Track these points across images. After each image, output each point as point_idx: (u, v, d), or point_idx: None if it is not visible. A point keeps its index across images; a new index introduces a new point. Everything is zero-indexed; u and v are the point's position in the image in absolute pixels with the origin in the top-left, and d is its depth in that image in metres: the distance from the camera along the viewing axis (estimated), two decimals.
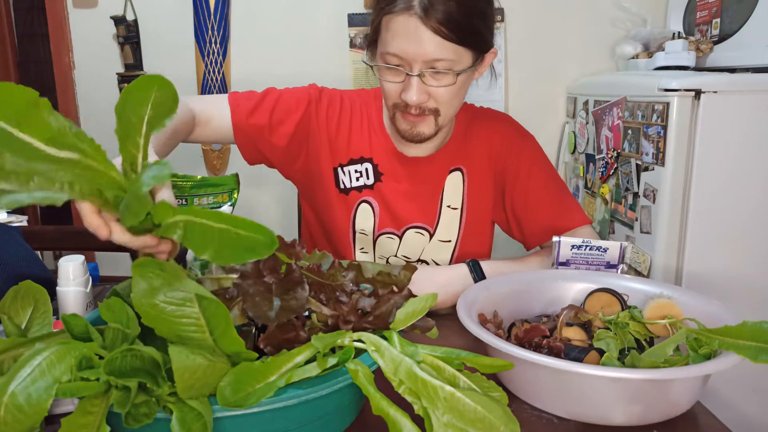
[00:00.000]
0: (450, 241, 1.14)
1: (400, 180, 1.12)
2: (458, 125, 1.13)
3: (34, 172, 0.48)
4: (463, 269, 1.00)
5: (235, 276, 0.67)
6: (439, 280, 0.99)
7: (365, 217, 1.13)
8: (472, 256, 1.12)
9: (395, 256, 1.14)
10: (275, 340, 0.59)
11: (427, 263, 1.15)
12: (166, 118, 0.61)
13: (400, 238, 1.14)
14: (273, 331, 0.60)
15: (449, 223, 1.14)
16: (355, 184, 1.12)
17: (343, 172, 1.13)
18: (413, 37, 0.91)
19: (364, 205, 1.13)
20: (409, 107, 0.97)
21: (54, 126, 0.49)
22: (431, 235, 1.14)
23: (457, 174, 1.13)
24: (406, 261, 1.15)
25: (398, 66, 0.95)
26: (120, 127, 0.59)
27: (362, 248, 1.15)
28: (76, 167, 0.50)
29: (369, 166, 1.12)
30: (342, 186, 1.13)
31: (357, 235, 1.14)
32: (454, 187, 1.13)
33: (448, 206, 1.13)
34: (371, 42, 1.01)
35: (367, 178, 1.12)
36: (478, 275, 0.99)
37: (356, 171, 1.13)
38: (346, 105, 1.14)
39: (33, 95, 0.49)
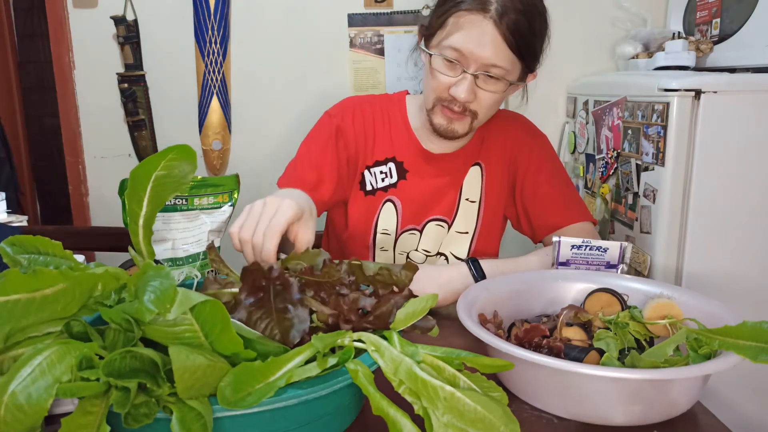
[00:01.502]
0: (467, 232, 1.17)
1: (424, 176, 1.15)
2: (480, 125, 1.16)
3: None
4: (463, 268, 1.01)
5: (233, 290, 0.67)
6: (439, 279, 0.99)
7: (388, 217, 1.16)
8: (488, 249, 1.15)
9: (416, 250, 1.17)
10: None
11: (446, 257, 1.18)
12: (181, 179, 0.61)
13: (421, 232, 1.16)
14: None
15: (467, 215, 1.17)
16: (380, 184, 1.16)
17: (370, 173, 1.16)
18: (482, 38, 0.95)
19: (388, 204, 1.16)
20: (453, 103, 1.01)
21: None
22: (449, 226, 1.16)
23: (477, 169, 1.18)
24: (426, 255, 1.18)
25: (456, 61, 0.98)
26: (129, 187, 0.61)
27: (383, 247, 1.18)
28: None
29: (393, 165, 1.16)
30: (369, 187, 1.16)
31: (378, 236, 1.17)
32: (473, 180, 1.17)
33: (467, 199, 1.17)
34: (432, 32, 1.03)
35: (391, 177, 1.16)
36: (478, 274, 1.00)
37: (381, 172, 1.16)
38: (367, 111, 1.18)
39: None
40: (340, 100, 1.21)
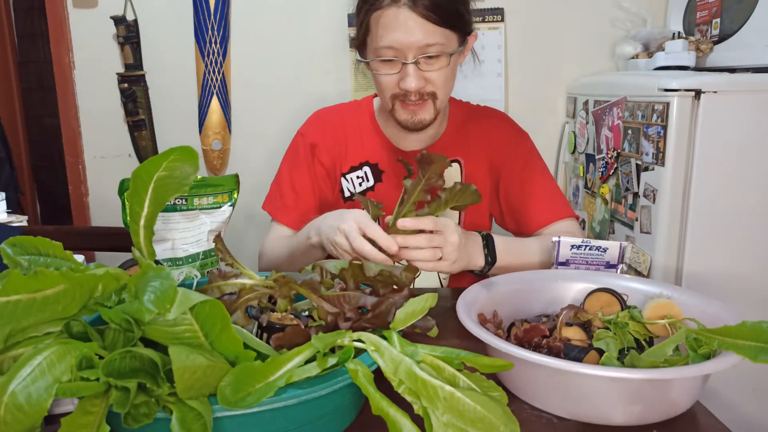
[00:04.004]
0: None
1: (401, 175, 1.15)
2: (454, 119, 1.19)
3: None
4: (477, 239, 0.98)
5: (237, 281, 0.68)
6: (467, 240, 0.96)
7: None
8: None
9: None
10: (287, 342, 0.59)
11: None
12: (183, 180, 0.62)
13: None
14: (287, 332, 0.60)
15: (449, 213, 1.17)
16: (358, 189, 1.17)
17: (347, 180, 1.17)
18: (405, 27, 0.96)
19: None
20: (409, 95, 1.02)
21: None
22: None
23: (455, 166, 1.18)
24: None
25: (393, 57, 0.99)
26: (131, 187, 0.61)
27: None
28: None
29: (368, 169, 1.17)
30: (348, 194, 1.18)
31: None
32: (452, 178, 1.17)
33: None
34: (361, 42, 1.05)
35: (368, 181, 1.17)
36: (490, 253, 0.98)
37: (358, 177, 1.18)
38: (336, 122, 1.21)
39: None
40: (311, 114, 1.24)
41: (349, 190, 1.17)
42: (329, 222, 0.93)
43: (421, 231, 0.87)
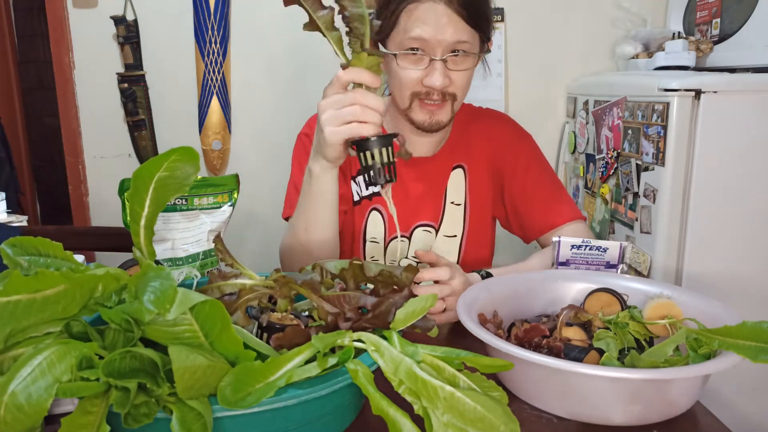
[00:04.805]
0: (455, 236, 1.16)
1: (405, 180, 1.14)
2: (457, 123, 1.17)
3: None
4: (475, 278, 0.98)
5: (237, 281, 0.68)
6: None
7: (375, 224, 1.15)
8: (477, 252, 1.13)
9: (406, 257, 1.16)
10: (287, 342, 0.59)
11: None
12: (184, 180, 0.62)
13: (409, 239, 1.15)
14: (287, 332, 0.60)
15: (453, 219, 1.16)
16: (365, 193, 1.15)
17: (355, 183, 1.15)
18: (439, 21, 0.96)
19: (374, 213, 1.15)
20: (431, 93, 1.01)
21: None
22: (437, 231, 1.16)
23: (459, 171, 1.16)
24: (417, 263, 1.16)
25: (420, 51, 0.98)
26: (132, 187, 0.61)
27: (373, 257, 1.16)
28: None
29: None
30: (356, 197, 1.15)
31: (368, 244, 1.16)
32: (456, 183, 1.16)
33: (452, 202, 1.16)
34: (386, 35, 1.03)
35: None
36: None
37: (364, 180, 1.14)
38: None
39: None
40: (312, 115, 1.19)
41: (357, 194, 1.15)
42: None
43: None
